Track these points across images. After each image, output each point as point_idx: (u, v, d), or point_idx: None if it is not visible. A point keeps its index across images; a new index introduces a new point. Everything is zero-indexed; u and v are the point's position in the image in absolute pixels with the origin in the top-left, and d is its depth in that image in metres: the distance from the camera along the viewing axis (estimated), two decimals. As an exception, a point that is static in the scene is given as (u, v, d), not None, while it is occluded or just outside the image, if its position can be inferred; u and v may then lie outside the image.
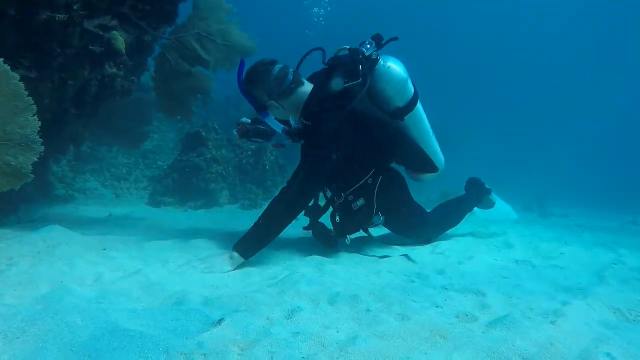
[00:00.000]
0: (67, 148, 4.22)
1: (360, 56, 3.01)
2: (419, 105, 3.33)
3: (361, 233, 3.30)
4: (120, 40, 3.83)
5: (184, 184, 5.63)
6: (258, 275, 2.39)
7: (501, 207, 4.46)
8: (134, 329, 1.49)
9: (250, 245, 2.61)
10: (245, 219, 4.84)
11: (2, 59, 1.74)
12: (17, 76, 1.72)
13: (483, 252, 3.41)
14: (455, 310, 1.92)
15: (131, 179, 6.68)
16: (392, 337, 1.58)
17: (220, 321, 1.58)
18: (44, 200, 5.11)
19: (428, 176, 3.62)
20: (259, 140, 3.31)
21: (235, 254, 2.54)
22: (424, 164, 3.45)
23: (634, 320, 1.99)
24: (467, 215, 4.22)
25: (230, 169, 5.98)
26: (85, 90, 4.00)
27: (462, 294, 2.15)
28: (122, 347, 1.37)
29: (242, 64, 2.90)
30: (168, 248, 2.90)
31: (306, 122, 2.91)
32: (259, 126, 3.27)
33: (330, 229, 3.25)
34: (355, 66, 2.99)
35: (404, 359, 1.41)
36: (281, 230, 2.74)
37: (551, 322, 1.81)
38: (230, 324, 1.57)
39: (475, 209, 4.38)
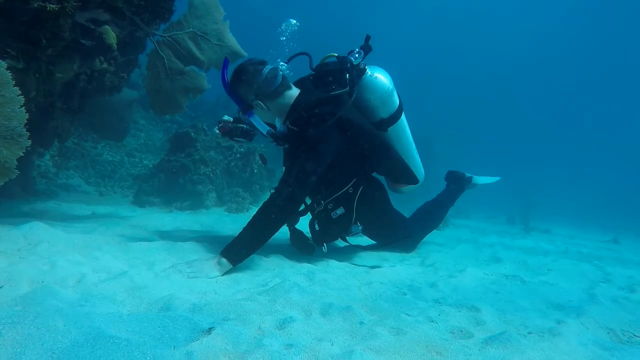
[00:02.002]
0: (52, 143, 4.10)
1: (349, 65, 2.99)
2: (402, 117, 3.33)
3: (339, 240, 3.30)
4: (112, 35, 3.74)
5: (170, 184, 5.52)
6: (247, 282, 2.32)
7: (483, 180, 4.57)
8: (120, 336, 1.41)
9: (239, 251, 2.53)
10: (231, 223, 4.76)
11: (-10, 47, 1.64)
12: (4, 64, 1.65)
13: (473, 265, 3.38)
14: (450, 325, 1.88)
15: (116, 177, 6.54)
16: (387, 352, 1.53)
17: (210, 330, 1.52)
18: (25, 195, 4.97)
19: (408, 188, 3.60)
20: (242, 140, 3.22)
21: (224, 260, 2.47)
22: (405, 175, 3.42)
23: (628, 342, 1.97)
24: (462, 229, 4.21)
25: (218, 171, 5.88)
26: (73, 84, 3.90)
27: (455, 308, 2.10)
28: (107, 354, 1.30)
29: (226, 62, 2.88)
30: (154, 250, 2.81)
31: (292, 127, 2.87)
32: (242, 125, 3.19)
33: (307, 236, 3.21)
34: (343, 74, 2.98)
35: (401, 377, 1.35)
36: (270, 236, 2.68)
37: (547, 340, 1.78)
38: (220, 334, 1.50)
39: (478, 182, 4.45)
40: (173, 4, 3.42)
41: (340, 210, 3.09)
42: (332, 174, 2.98)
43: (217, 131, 3.20)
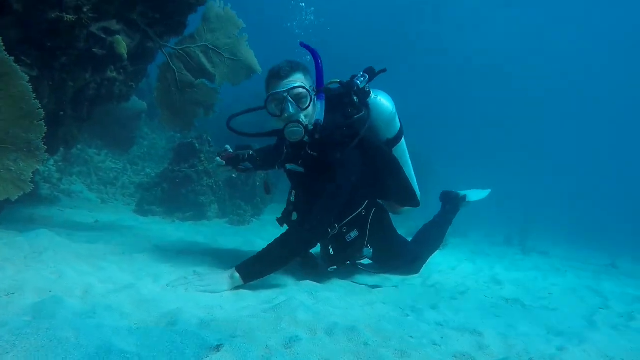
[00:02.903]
0: (58, 149, 4.13)
1: (356, 88, 3.03)
2: (403, 140, 3.39)
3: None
4: (122, 45, 3.79)
5: (173, 194, 5.54)
6: (252, 298, 2.34)
7: (476, 197, 4.60)
8: (130, 351, 1.43)
9: (254, 271, 2.55)
10: (233, 235, 4.78)
11: (12, 58, 1.68)
12: (26, 77, 1.68)
13: (473, 288, 3.40)
14: (453, 349, 1.90)
15: (118, 185, 6.56)
16: (393, 375, 1.54)
17: (218, 347, 1.53)
18: (28, 200, 4.98)
19: (406, 209, 3.61)
20: (249, 166, 3.13)
21: (237, 276, 2.48)
22: (411, 196, 3.42)
23: (628, 371, 1.99)
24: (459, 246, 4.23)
25: (220, 183, 5.92)
26: (83, 92, 3.94)
27: (458, 332, 2.12)
28: (119, 370, 1.31)
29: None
30: (159, 261, 2.83)
31: (312, 153, 2.84)
32: (247, 151, 3.12)
33: (313, 255, 3.23)
34: (351, 98, 3.01)
35: (408, 401, 1.37)
36: (287, 264, 2.74)
37: (550, 368, 1.80)
38: (229, 351, 1.52)
39: (470, 199, 4.47)
40: (187, 18, 3.48)
41: (354, 233, 3.07)
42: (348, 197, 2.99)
43: (219, 159, 3.10)
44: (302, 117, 2.71)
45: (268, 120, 2.89)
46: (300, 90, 2.68)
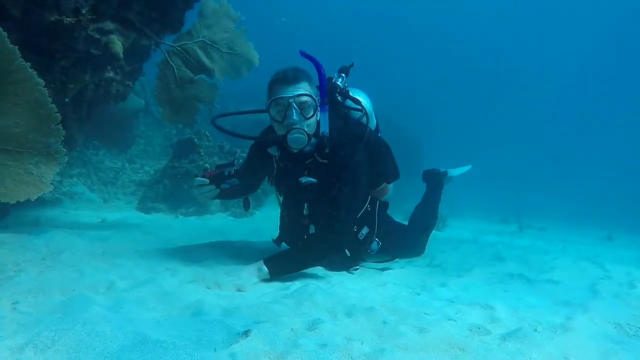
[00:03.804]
0: (61, 152, 4.15)
1: (338, 90, 3.06)
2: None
3: None
4: (118, 44, 3.80)
5: (175, 190, 5.58)
6: (269, 286, 2.41)
7: (457, 171, 4.68)
8: (165, 340, 1.49)
9: (282, 267, 2.60)
10: (238, 227, 4.84)
11: (29, 64, 1.72)
12: (42, 82, 1.72)
13: (478, 265, 3.49)
14: (467, 323, 1.98)
15: (118, 184, 6.58)
16: (415, 349, 1.62)
17: (247, 332, 1.60)
18: (31, 203, 5.00)
19: (389, 194, 3.61)
20: (237, 182, 2.93)
21: (265, 269, 2.53)
22: (397, 172, 3.41)
23: (634, 335, 2.08)
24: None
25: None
26: (81, 93, 3.96)
27: (470, 307, 2.20)
28: (157, 357, 1.38)
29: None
30: (172, 256, 2.90)
31: (322, 161, 2.81)
32: (227, 169, 2.89)
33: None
34: (336, 99, 3.04)
35: (432, 372, 1.45)
36: (314, 266, 2.80)
37: (560, 335, 1.89)
38: (257, 335, 1.58)
39: (452, 174, 4.55)
40: (184, 15, 3.50)
41: (365, 230, 3.08)
42: None
43: (200, 179, 2.86)
44: (304, 125, 2.67)
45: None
46: (306, 98, 2.66)
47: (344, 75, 3.08)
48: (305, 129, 2.67)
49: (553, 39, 36.85)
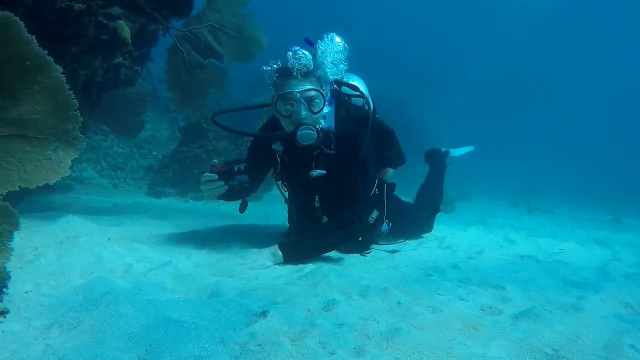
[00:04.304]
0: (72, 137, 4.19)
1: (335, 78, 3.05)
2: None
3: None
4: (126, 29, 3.81)
5: (184, 175, 5.63)
6: (283, 269, 2.44)
7: (459, 151, 4.75)
8: (186, 320, 1.54)
9: (297, 253, 2.60)
10: (247, 211, 4.86)
11: (46, 51, 1.74)
12: (59, 69, 1.73)
13: (488, 247, 3.51)
14: (479, 303, 2.01)
15: (127, 169, 6.64)
16: (429, 329, 1.65)
17: (264, 313, 1.64)
18: (43, 189, 5.06)
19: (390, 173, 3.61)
20: (245, 178, 2.84)
21: (279, 254, 2.53)
22: (402, 157, 3.48)
23: (644, 315, 2.10)
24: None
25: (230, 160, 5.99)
26: (91, 79, 3.98)
27: (481, 287, 2.23)
28: (181, 337, 1.42)
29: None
30: (185, 239, 2.95)
31: (330, 152, 2.82)
32: (236, 164, 2.84)
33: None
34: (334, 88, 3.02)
35: (447, 350, 1.48)
36: (328, 253, 2.79)
37: (572, 315, 1.92)
38: (275, 316, 1.62)
39: (454, 154, 4.61)
40: (192, 0, 3.49)
41: (375, 214, 3.09)
42: None
43: (208, 174, 2.73)
44: (312, 120, 2.67)
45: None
46: (314, 93, 2.65)
47: (335, 62, 3.04)
48: (314, 124, 2.66)
49: (564, 22, 36.35)
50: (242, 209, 3.07)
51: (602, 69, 38.05)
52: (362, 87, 3.26)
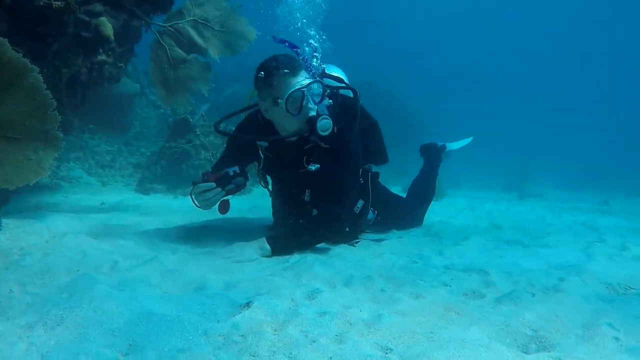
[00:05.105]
0: (57, 136, 4.17)
1: (320, 71, 3.01)
2: None
3: None
4: (108, 26, 3.78)
5: (172, 171, 5.62)
6: (269, 260, 2.46)
7: (457, 145, 4.69)
8: (170, 314, 1.55)
9: (284, 246, 2.60)
10: (237, 204, 4.86)
11: (21, 54, 1.73)
12: (36, 69, 1.73)
13: (474, 233, 3.56)
14: (463, 288, 2.04)
15: (116, 167, 6.61)
16: (411, 314, 1.68)
17: (248, 304, 1.65)
18: (30, 189, 5.04)
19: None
20: (242, 181, 2.78)
21: (267, 246, 2.54)
22: (385, 155, 3.46)
23: (624, 294, 2.15)
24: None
25: (218, 155, 5.97)
26: (75, 77, 3.95)
27: (465, 273, 2.27)
28: (164, 331, 1.43)
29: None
30: (172, 235, 2.95)
31: (325, 146, 2.77)
32: (229, 169, 2.71)
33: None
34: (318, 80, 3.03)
35: (428, 334, 1.51)
36: (316, 245, 2.78)
37: (552, 296, 1.95)
38: (258, 306, 1.64)
39: (451, 148, 4.57)
40: (173, -5, 3.48)
41: (360, 203, 3.11)
42: None
43: (205, 184, 2.64)
44: (318, 111, 2.69)
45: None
46: (316, 85, 2.66)
47: (318, 55, 3.01)
48: (323, 113, 2.70)
49: (552, 10, 36.41)
50: (225, 209, 2.90)
51: (595, 50, 38.21)
52: (344, 77, 3.25)
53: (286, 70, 2.61)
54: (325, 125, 2.65)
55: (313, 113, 2.66)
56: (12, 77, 1.64)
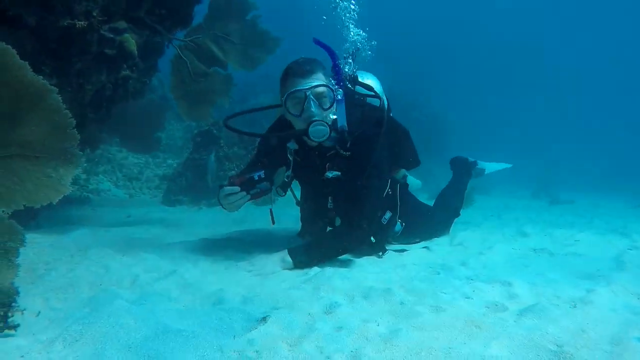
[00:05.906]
0: (84, 151, 4.28)
1: (349, 77, 3.01)
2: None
3: None
4: (132, 42, 3.87)
5: (197, 182, 5.70)
6: (288, 273, 2.45)
7: (493, 167, 4.58)
8: (186, 329, 1.56)
9: (306, 258, 2.57)
10: (260, 215, 4.89)
11: (40, 77, 1.78)
12: (55, 90, 1.77)
13: (500, 241, 3.47)
14: (484, 300, 1.99)
15: (143, 179, 6.75)
16: (430, 329, 1.65)
17: (265, 319, 1.65)
18: (60, 203, 5.17)
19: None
20: (268, 186, 2.75)
21: (289, 259, 2.53)
22: (416, 159, 3.37)
23: (657, 305, 2.05)
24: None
25: (242, 166, 6.04)
26: (100, 93, 4.05)
27: (488, 284, 2.21)
28: (179, 346, 1.44)
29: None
30: (195, 247, 2.97)
31: (345, 153, 2.76)
32: (255, 173, 2.70)
33: None
34: (348, 86, 2.99)
35: (446, 350, 1.47)
36: (338, 257, 2.75)
37: (579, 309, 1.88)
38: (275, 321, 1.63)
39: (486, 169, 4.47)
40: (193, 10, 3.53)
41: (388, 215, 3.05)
42: None
43: (228, 188, 2.64)
44: (323, 117, 2.62)
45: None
46: (323, 89, 2.59)
47: (350, 61, 3.03)
48: (326, 121, 2.61)
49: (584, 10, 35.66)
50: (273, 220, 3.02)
51: (618, 48, 37.23)
52: (377, 86, 3.19)
53: (297, 72, 2.61)
54: (318, 131, 2.57)
55: (317, 117, 2.59)
56: (32, 99, 1.68)
